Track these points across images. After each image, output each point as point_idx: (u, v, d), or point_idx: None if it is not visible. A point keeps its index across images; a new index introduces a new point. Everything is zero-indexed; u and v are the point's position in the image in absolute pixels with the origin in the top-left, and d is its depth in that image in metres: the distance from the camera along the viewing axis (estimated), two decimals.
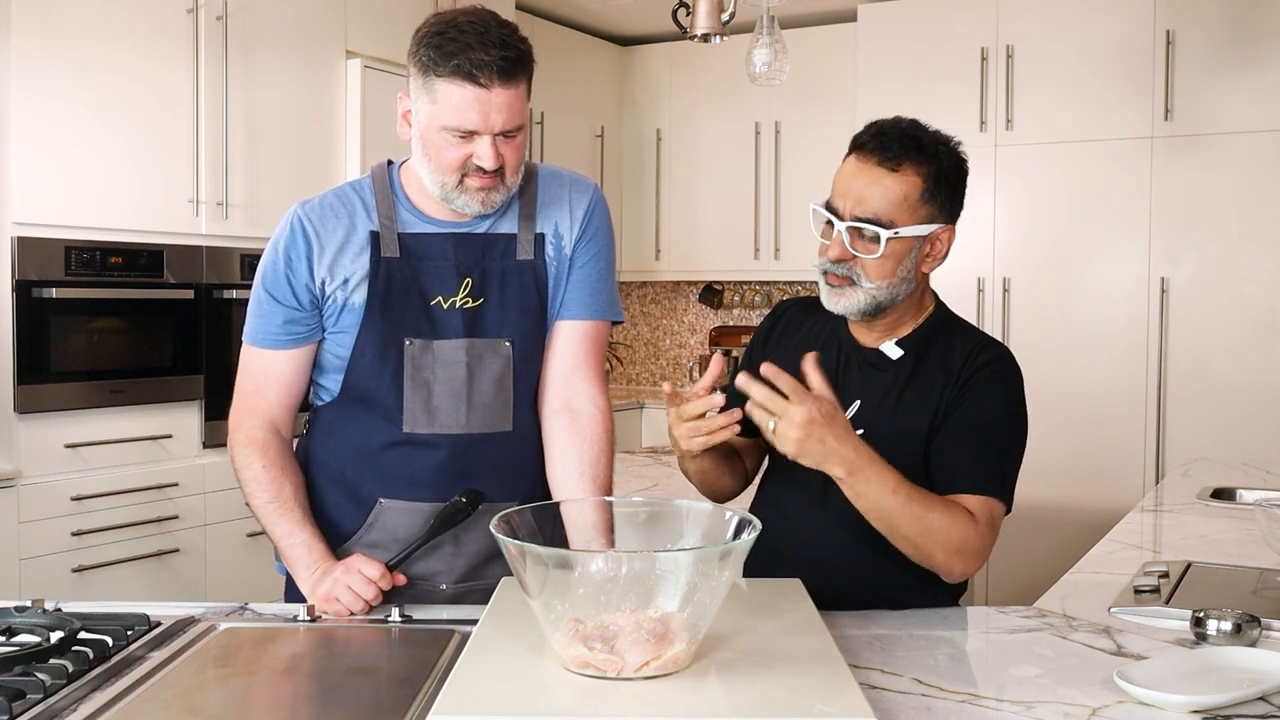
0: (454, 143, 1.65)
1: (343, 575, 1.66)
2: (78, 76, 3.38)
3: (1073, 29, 4.70)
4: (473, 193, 1.69)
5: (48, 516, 3.29)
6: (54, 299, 3.32)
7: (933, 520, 1.58)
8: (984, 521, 1.63)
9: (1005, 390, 1.72)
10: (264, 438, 1.77)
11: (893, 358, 1.76)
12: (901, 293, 1.72)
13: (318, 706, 1.35)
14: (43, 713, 1.24)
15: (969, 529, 1.61)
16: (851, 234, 1.68)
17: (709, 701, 1.19)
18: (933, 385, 1.72)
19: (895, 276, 1.70)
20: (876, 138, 1.68)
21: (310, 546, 1.73)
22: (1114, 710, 1.29)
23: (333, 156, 4.16)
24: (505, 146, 1.67)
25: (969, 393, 1.70)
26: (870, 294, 1.70)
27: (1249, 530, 2.35)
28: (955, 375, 1.71)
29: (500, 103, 1.62)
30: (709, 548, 1.31)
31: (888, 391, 1.74)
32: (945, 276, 4.98)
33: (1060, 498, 4.74)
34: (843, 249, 1.69)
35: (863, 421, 1.72)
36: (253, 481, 1.76)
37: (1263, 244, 4.42)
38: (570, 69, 5.66)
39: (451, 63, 1.60)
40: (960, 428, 1.68)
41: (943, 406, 1.70)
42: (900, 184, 1.66)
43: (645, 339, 6.46)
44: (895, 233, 1.66)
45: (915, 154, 1.67)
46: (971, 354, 1.73)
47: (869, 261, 1.68)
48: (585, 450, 1.82)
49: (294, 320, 1.76)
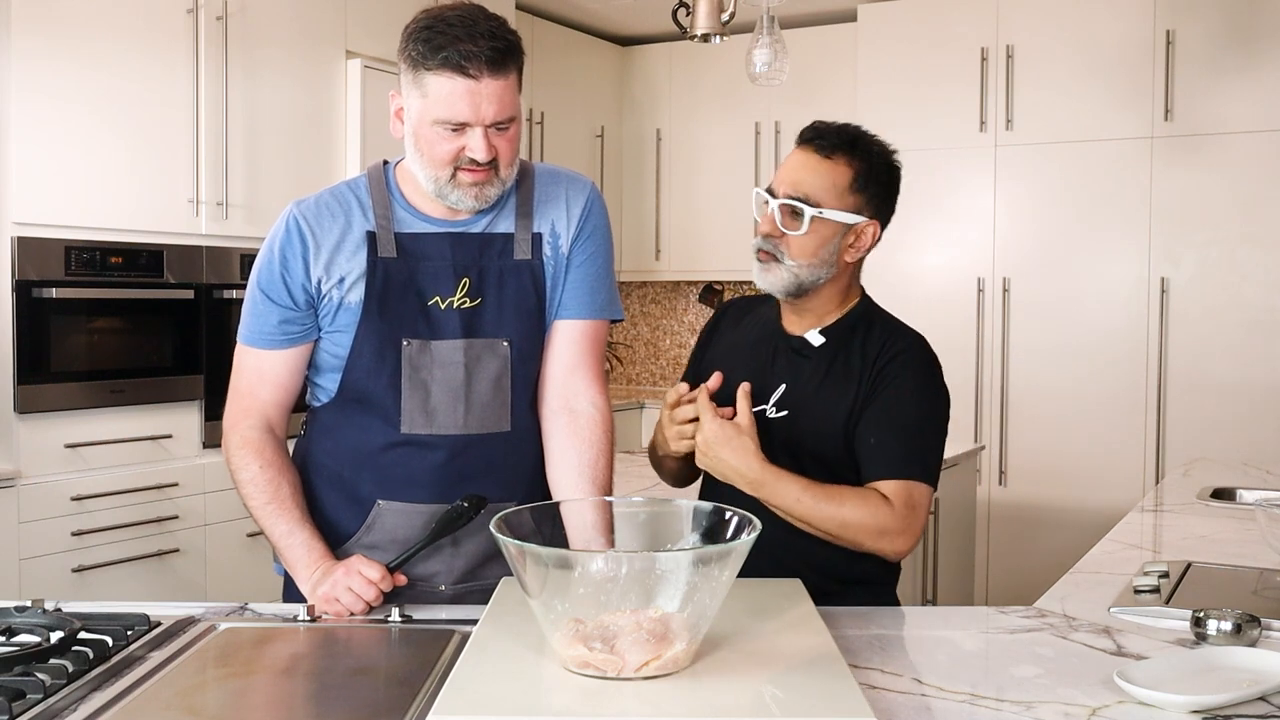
0: (446, 136, 1.65)
1: (343, 576, 1.66)
2: (78, 76, 3.38)
3: (1073, 29, 4.70)
4: (466, 187, 1.69)
5: (48, 516, 3.29)
6: (54, 299, 3.32)
7: (846, 514, 1.72)
8: (901, 504, 1.74)
9: (917, 376, 1.83)
10: (259, 438, 1.77)
11: (815, 345, 1.88)
12: (822, 275, 1.83)
13: (318, 706, 1.35)
14: (43, 713, 1.24)
15: (884, 513, 1.73)
16: (783, 212, 1.81)
17: (709, 701, 1.19)
18: (851, 372, 1.84)
19: (816, 258, 1.82)
20: (815, 130, 1.84)
21: (310, 546, 1.73)
22: (1114, 710, 1.29)
23: (332, 156, 4.16)
24: (498, 139, 1.67)
25: (884, 381, 1.82)
26: (793, 271, 1.82)
27: (1249, 530, 2.35)
28: (871, 363, 1.83)
29: (490, 93, 1.63)
30: (709, 548, 1.32)
31: (810, 377, 1.86)
32: (945, 276, 5.01)
33: (1060, 498, 4.74)
34: (772, 225, 1.82)
35: (788, 405, 1.85)
36: (250, 483, 1.76)
37: (1263, 244, 4.42)
38: (570, 69, 5.66)
39: (440, 55, 1.61)
40: (876, 416, 1.80)
41: (860, 393, 1.82)
42: (831, 171, 1.81)
43: (645, 339, 6.46)
44: (819, 212, 1.79)
45: (849, 148, 1.82)
46: (886, 344, 1.85)
47: (793, 239, 1.81)
48: (584, 451, 1.82)
49: (289, 320, 1.76)
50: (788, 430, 1.83)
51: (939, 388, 1.85)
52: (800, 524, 1.73)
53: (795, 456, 1.80)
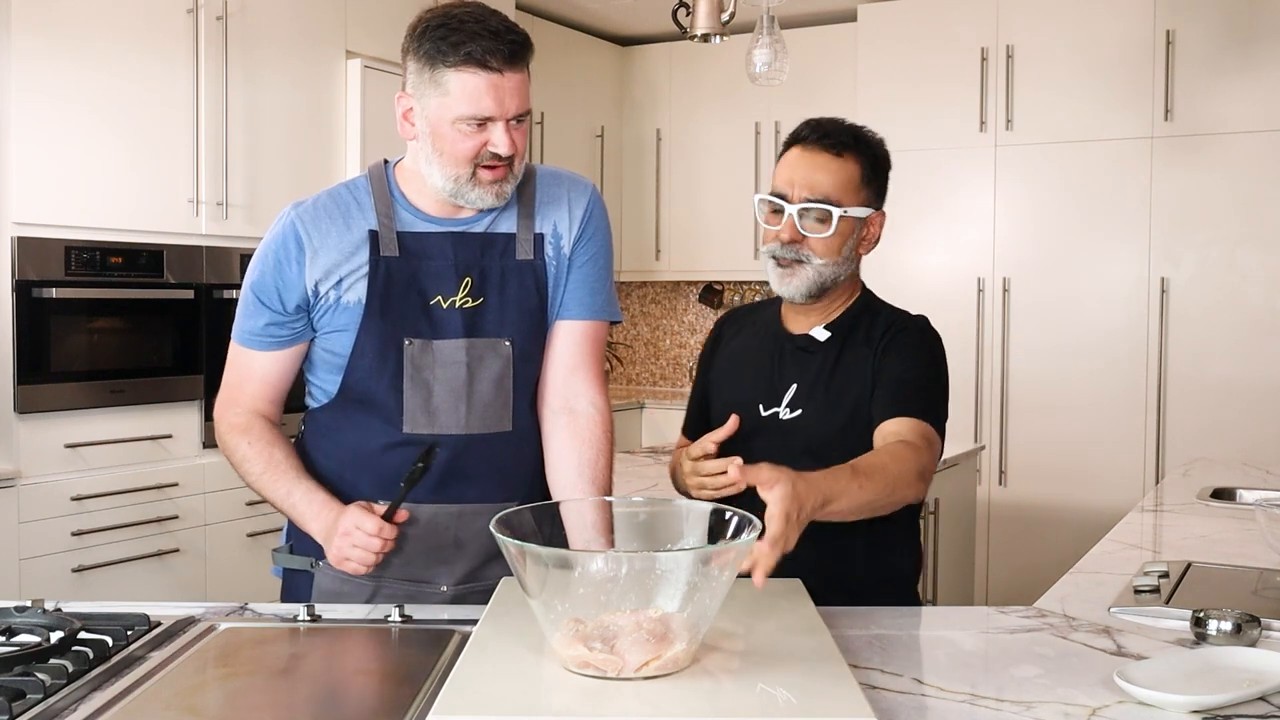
0: (468, 133, 1.65)
1: (343, 540, 1.68)
2: (78, 76, 3.38)
3: (1073, 29, 4.70)
4: (486, 185, 1.70)
5: (48, 516, 3.29)
6: (54, 299, 3.32)
7: (890, 474, 1.62)
8: (922, 440, 1.73)
9: (923, 345, 1.85)
10: (245, 421, 1.79)
11: (820, 340, 1.88)
12: (843, 273, 1.86)
13: (318, 706, 1.35)
14: (43, 713, 1.24)
15: (915, 457, 1.68)
16: (802, 216, 1.81)
17: (709, 701, 1.19)
18: (859, 359, 1.85)
19: (840, 255, 1.83)
20: (817, 130, 1.85)
21: (310, 497, 1.74)
22: (1114, 710, 1.29)
23: (333, 157, 4.16)
24: (515, 133, 1.68)
25: (891, 350, 1.83)
26: (819, 271, 1.82)
27: (1249, 530, 2.35)
28: (877, 341, 1.85)
29: (511, 87, 1.65)
30: (709, 548, 1.31)
31: (819, 372, 1.86)
32: (945, 276, 5.01)
33: (1060, 498, 4.74)
34: (794, 231, 1.82)
35: (801, 403, 1.85)
36: (243, 461, 1.78)
37: (1263, 244, 4.42)
38: (570, 69, 5.66)
39: (462, 51, 1.62)
40: (887, 379, 1.81)
41: (870, 371, 1.83)
42: (844, 168, 1.82)
43: (645, 339, 6.46)
44: (844, 212, 1.81)
45: (855, 143, 1.84)
46: (892, 325, 1.87)
47: (817, 241, 1.81)
48: (584, 451, 1.82)
49: (276, 324, 1.77)
50: (804, 428, 1.83)
51: (942, 358, 1.87)
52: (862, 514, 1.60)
53: (814, 452, 1.76)
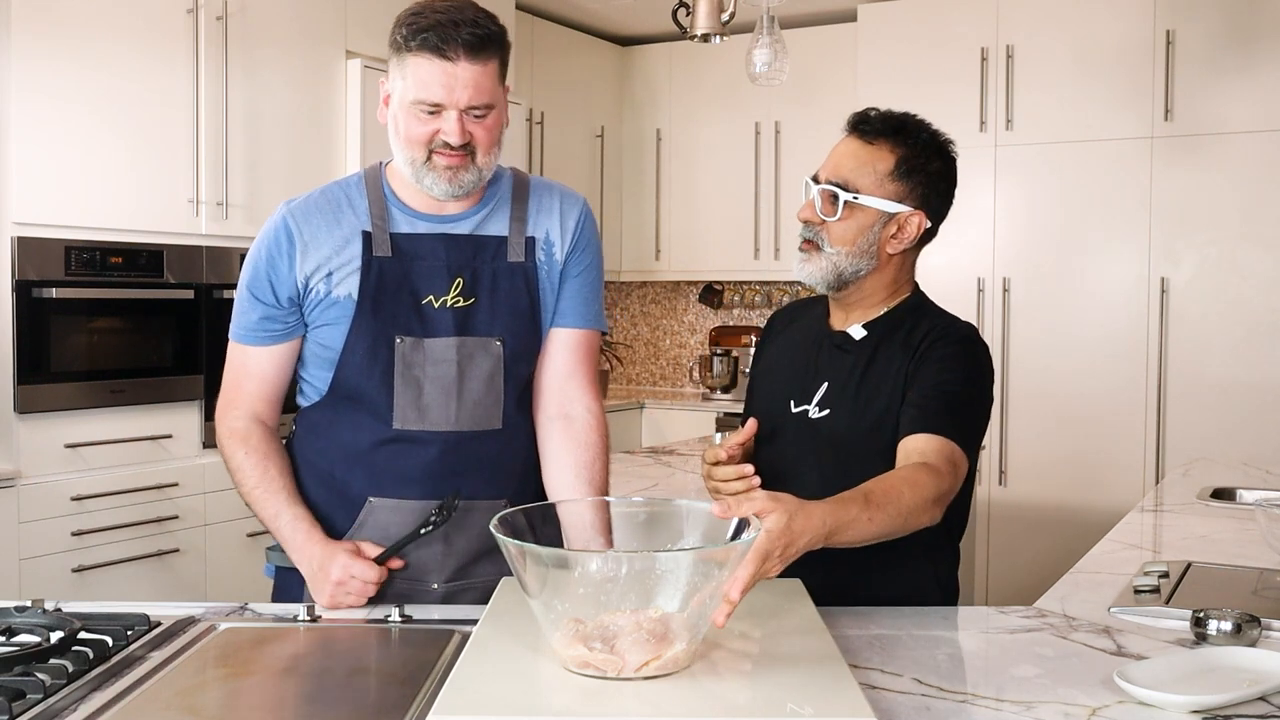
0: (421, 118, 1.67)
1: (338, 589, 1.69)
2: (78, 76, 3.38)
3: (1073, 29, 4.70)
4: (440, 171, 1.71)
5: (48, 516, 3.29)
6: (54, 299, 3.32)
7: (905, 503, 1.52)
8: (946, 464, 1.60)
9: (967, 360, 1.75)
10: (245, 427, 1.80)
11: (856, 339, 1.82)
12: (863, 267, 1.78)
13: (318, 706, 1.35)
14: (43, 713, 1.24)
15: (935, 483, 1.57)
16: (822, 197, 1.77)
17: (709, 701, 1.19)
18: (893, 362, 1.77)
19: (855, 246, 1.76)
20: (862, 116, 1.80)
21: (295, 525, 1.75)
22: (1114, 710, 1.29)
23: (332, 156, 4.16)
24: (474, 125, 1.69)
25: (927, 359, 1.73)
26: (832, 260, 1.77)
27: (1249, 530, 2.35)
28: (914, 349, 1.75)
29: (466, 78, 1.65)
30: (709, 548, 1.31)
31: (850, 372, 1.80)
32: (945, 276, 5.01)
33: (1060, 498, 4.74)
34: (812, 211, 1.79)
35: (830, 402, 1.80)
36: (238, 470, 1.79)
37: (1263, 244, 4.42)
38: (570, 69, 5.66)
39: (420, 37, 1.64)
40: (919, 389, 1.71)
41: (902, 380, 1.74)
42: (871, 156, 1.76)
43: (645, 339, 6.46)
44: (854, 197, 1.74)
45: (892, 133, 1.76)
46: (933, 330, 1.77)
47: (831, 225, 1.76)
48: (580, 454, 1.84)
49: (270, 318, 1.79)
50: (830, 428, 1.78)
51: (985, 374, 1.76)
52: (876, 540, 1.52)
53: (839, 452, 1.75)
